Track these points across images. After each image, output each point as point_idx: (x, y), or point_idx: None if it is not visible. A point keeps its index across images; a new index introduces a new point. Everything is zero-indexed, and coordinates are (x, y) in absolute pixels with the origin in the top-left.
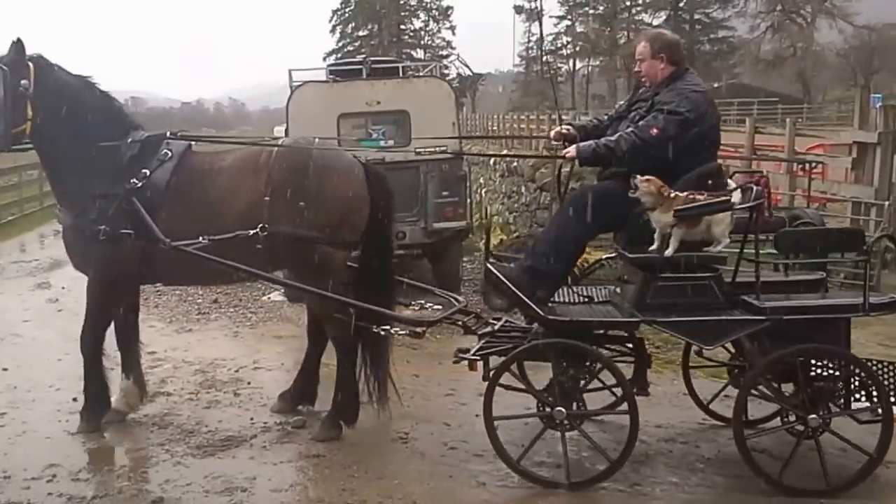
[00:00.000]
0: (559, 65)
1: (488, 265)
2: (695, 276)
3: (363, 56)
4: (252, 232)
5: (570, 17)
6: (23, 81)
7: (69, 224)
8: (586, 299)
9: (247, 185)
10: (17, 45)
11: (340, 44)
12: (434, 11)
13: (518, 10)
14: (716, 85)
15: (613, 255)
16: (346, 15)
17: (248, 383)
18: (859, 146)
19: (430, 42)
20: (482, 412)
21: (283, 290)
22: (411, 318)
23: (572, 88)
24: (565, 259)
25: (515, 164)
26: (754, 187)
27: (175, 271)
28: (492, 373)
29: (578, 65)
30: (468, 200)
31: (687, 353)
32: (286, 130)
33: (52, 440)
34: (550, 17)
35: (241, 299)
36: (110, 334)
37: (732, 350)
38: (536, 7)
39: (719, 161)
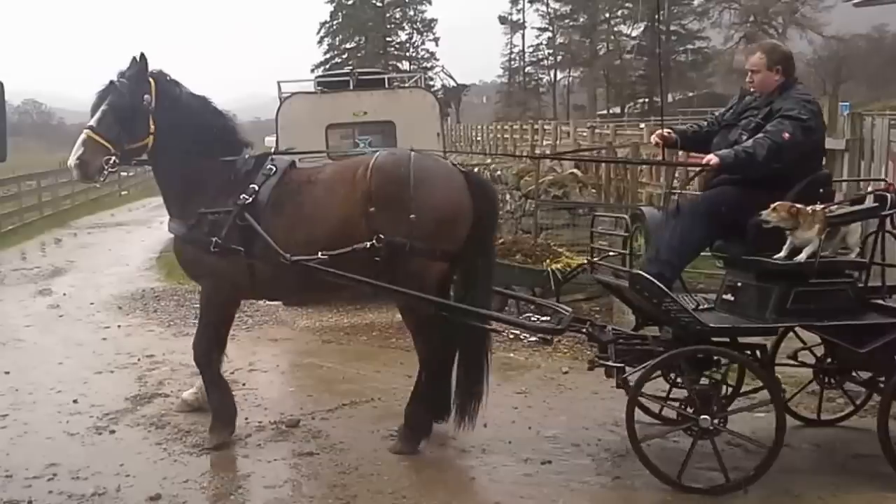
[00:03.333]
0: (541, 75)
1: (640, 272)
2: (834, 282)
3: (350, 68)
4: (368, 244)
5: (551, 28)
6: (146, 96)
7: (185, 236)
8: (695, 305)
9: (346, 198)
10: (141, 59)
11: (328, 55)
12: (418, 24)
13: (502, 20)
14: (690, 94)
15: (596, 259)
16: (334, 27)
17: (244, 384)
18: (829, 153)
19: (414, 54)
20: (625, 425)
21: None
22: (542, 325)
23: (553, 99)
24: (683, 266)
25: (499, 172)
26: (889, 195)
27: (277, 286)
28: (624, 380)
29: (559, 75)
30: None
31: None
32: (276, 141)
33: (53, 440)
34: (533, 27)
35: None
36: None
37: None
38: (519, 19)
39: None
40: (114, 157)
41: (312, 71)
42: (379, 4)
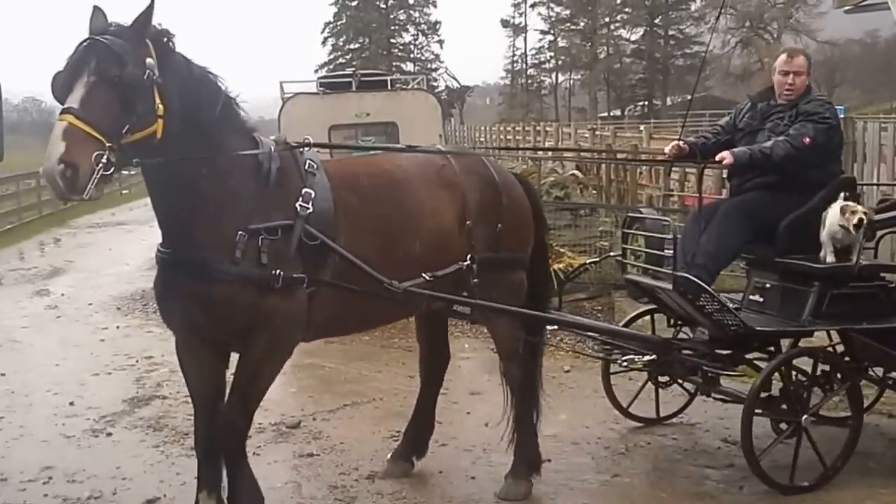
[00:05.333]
0: (542, 78)
1: (688, 276)
2: (869, 285)
3: (353, 69)
4: (465, 264)
5: (552, 32)
6: (148, 61)
7: (221, 275)
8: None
9: (445, 206)
10: (146, 12)
11: (332, 56)
12: (423, 26)
13: (504, 23)
14: (689, 97)
15: (598, 259)
16: (338, 28)
17: None
18: None
19: (419, 56)
20: (741, 426)
21: None
22: (657, 338)
23: (555, 101)
24: (719, 270)
25: None
26: None
27: (343, 319)
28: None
29: (561, 78)
30: None
31: None
32: None
33: (49, 443)
34: (535, 30)
35: None
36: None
37: None
38: (521, 22)
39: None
40: (107, 155)
41: (316, 71)
42: (383, 6)
